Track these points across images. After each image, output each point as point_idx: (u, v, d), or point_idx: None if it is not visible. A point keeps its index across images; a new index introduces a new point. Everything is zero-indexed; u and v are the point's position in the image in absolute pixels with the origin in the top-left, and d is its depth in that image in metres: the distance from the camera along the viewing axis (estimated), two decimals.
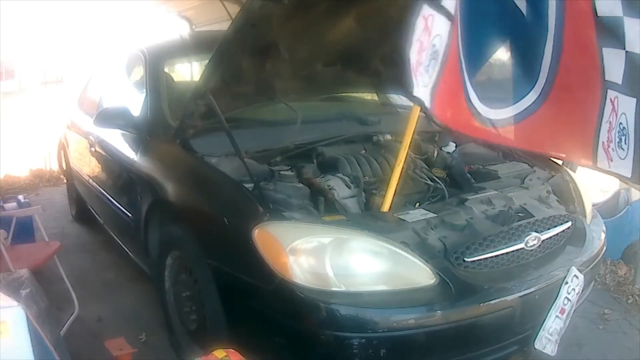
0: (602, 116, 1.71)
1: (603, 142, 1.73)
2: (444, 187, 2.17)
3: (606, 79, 1.66)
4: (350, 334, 1.63)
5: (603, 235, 2.27)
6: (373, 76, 2.78)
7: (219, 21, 4.38)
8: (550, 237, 2.00)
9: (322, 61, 2.61)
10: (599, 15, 1.60)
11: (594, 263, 2.12)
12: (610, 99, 1.67)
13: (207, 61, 2.11)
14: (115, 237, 3.18)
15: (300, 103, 2.57)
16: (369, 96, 3.38)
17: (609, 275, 3.13)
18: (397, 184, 1.99)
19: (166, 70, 2.92)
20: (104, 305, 2.80)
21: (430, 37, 1.62)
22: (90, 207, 3.73)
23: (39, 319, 1.54)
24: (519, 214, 2.00)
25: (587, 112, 1.77)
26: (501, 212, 1.99)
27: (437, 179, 2.20)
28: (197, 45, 3.05)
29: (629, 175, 1.68)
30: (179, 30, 5.40)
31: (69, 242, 3.59)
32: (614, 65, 1.62)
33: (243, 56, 2.17)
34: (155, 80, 2.73)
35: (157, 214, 2.36)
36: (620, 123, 1.65)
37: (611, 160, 1.72)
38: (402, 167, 2.02)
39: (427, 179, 2.21)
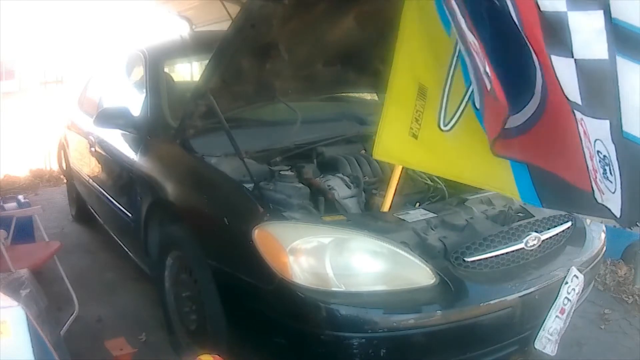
0: (581, 141, 1.31)
1: (590, 171, 1.33)
2: (444, 187, 2.17)
3: (566, 96, 1.25)
4: (350, 334, 1.63)
5: (603, 235, 2.27)
6: (373, 76, 2.78)
7: (219, 21, 4.37)
8: (550, 237, 2.00)
9: (322, 61, 2.61)
10: (541, 9, 1.20)
11: (594, 263, 2.12)
12: (580, 121, 1.27)
13: (207, 61, 2.11)
14: (115, 237, 3.18)
15: (300, 103, 2.57)
16: (369, 96, 3.38)
17: (609, 275, 3.13)
18: (397, 184, 1.99)
19: (166, 70, 2.92)
20: (104, 305, 2.80)
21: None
22: (90, 207, 3.73)
23: (39, 319, 1.54)
24: (519, 214, 2.00)
25: (568, 133, 1.36)
26: (501, 212, 1.99)
27: (437, 179, 2.20)
28: (197, 45, 3.05)
29: (617, 214, 1.29)
30: (179, 30, 5.40)
31: (69, 242, 3.59)
32: (567, 78, 1.21)
33: (243, 56, 2.17)
34: (155, 80, 2.73)
35: (157, 214, 2.36)
36: (599, 151, 1.25)
37: (603, 193, 1.33)
38: (402, 167, 2.02)
39: (427, 178, 2.21)
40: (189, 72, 4.20)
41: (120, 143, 2.79)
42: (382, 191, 2.05)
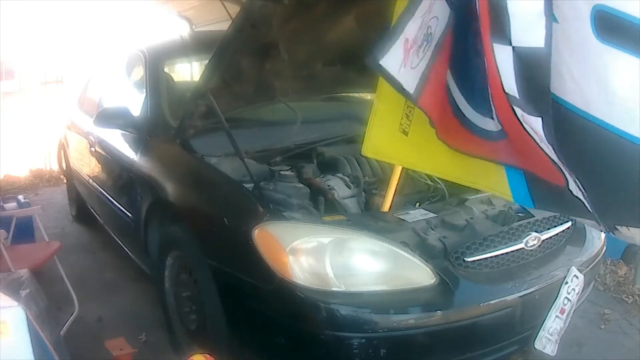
0: (532, 136, 1.24)
1: (557, 162, 1.25)
2: (443, 187, 2.17)
3: (505, 90, 1.16)
4: (350, 334, 1.63)
5: (603, 235, 2.27)
6: (373, 76, 2.77)
7: (219, 21, 4.37)
8: (550, 237, 2.00)
9: (322, 61, 2.61)
10: None
11: (594, 263, 2.12)
12: (522, 118, 1.18)
13: (207, 61, 2.11)
14: (115, 237, 3.18)
15: (300, 103, 2.57)
16: (369, 96, 3.38)
17: (609, 275, 3.13)
18: (397, 184, 1.99)
19: (166, 70, 2.92)
20: (104, 305, 2.80)
21: (429, 17, 1.32)
22: (90, 207, 3.73)
23: (39, 319, 1.54)
24: (519, 214, 2.00)
25: (519, 130, 1.28)
26: (501, 211, 1.99)
27: (437, 179, 2.20)
28: (197, 45, 3.05)
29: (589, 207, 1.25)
30: (179, 30, 5.40)
31: (69, 242, 3.59)
32: (506, 69, 1.13)
33: (243, 56, 2.17)
34: (155, 80, 2.73)
35: (157, 214, 2.36)
36: (549, 146, 1.19)
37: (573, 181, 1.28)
38: (402, 167, 2.02)
39: (427, 178, 2.21)
40: (189, 72, 4.20)
41: (120, 143, 2.79)
42: (382, 191, 2.05)
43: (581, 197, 1.26)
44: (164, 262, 2.29)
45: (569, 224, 2.11)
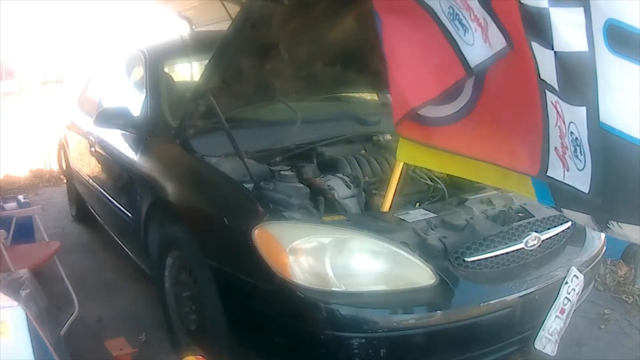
0: (548, 119, 1.38)
1: (556, 147, 1.38)
2: (443, 187, 2.18)
3: (542, 77, 1.32)
4: (350, 334, 1.63)
5: (603, 235, 2.27)
6: (373, 76, 2.77)
7: (219, 21, 4.37)
8: (550, 237, 2.00)
9: (322, 61, 2.61)
10: (522, 2, 1.26)
11: (594, 263, 2.12)
12: (552, 103, 1.33)
13: (207, 61, 2.11)
14: (115, 237, 3.18)
15: (300, 103, 2.57)
16: (369, 96, 3.38)
17: (609, 275, 3.13)
18: (397, 184, 1.99)
19: (166, 70, 2.92)
20: (104, 305, 2.80)
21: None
22: (90, 207, 3.73)
23: (39, 319, 1.54)
24: (519, 214, 2.00)
25: (525, 112, 1.44)
26: (501, 212, 1.99)
27: (437, 179, 2.20)
28: (197, 45, 3.05)
29: (585, 189, 1.33)
30: (179, 30, 5.40)
31: (69, 242, 3.59)
32: (546, 65, 1.28)
33: (243, 56, 2.17)
34: (155, 80, 2.73)
35: (157, 214, 2.36)
36: (572, 132, 1.32)
37: (567, 170, 1.38)
38: (402, 167, 2.02)
39: (427, 178, 2.21)
40: (189, 72, 4.20)
41: (120, 143, 2.79)
42: (382, 191, 2.05)
43: (571, 181, 1.38)
44: (164, 262, 2.29)
45: (568, 224, 2.11)
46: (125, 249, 2.97)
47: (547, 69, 1.27)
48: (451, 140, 1.72)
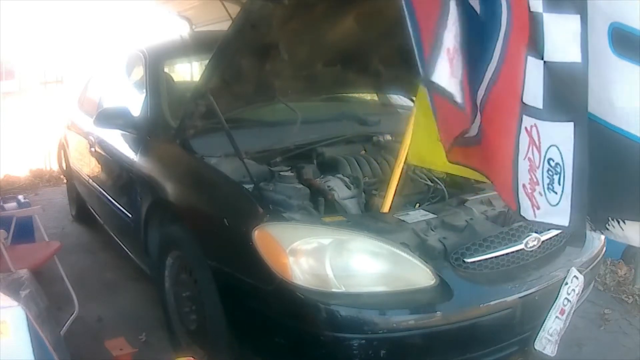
0: (518, 151, 1.28)
1: (524, 184, 1.30)
2: (443, 187, 2.17)
3: (524, 100, 1.24)
4: (350, 335, 1.63)
5: (603, 236, 2.27)
6: (373, 76, 2.78)
7: (219, 21, 4.38)
8: (550, 238, 2.00)
9: (322, 61, 2.61)
10: (531, 10, 1.19)
11: (594, 263, 2.12)
12: (526, 129, 1.25)
13: (207, 61, 2.11)
14: (115, 237, 3.18)
15: (300, 103, 2.57)
16: (369, 96, 3.38)
17: (609, 275, 3.13)
18: (397, 185, 1.99)
19: (166, 70, 2.92)
20: (104, 305, 2.80)
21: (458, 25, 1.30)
22: (90, 207, 3.73)
23: (39, 319, 1.54)
24: None
25: (503, 142, 1.33)
26: (501, 212, 1.99)
27: (437, 180, 2.20)
28: (197, 45, 3.05)
29: (565, 223, 1.28)
30: (179, 30, 5.40)
31: (69, 242, 3.59)
32: (533, 81, 1.21)
33: (243, 56, 2.17)
34: (155, 80, 2.73)
35: (157, 214, 2.36)
36: (551, 159, 1.24)
37: (537, 209, 1.31)
38: (402, 168, 2.02)
39: (427, 179, 2.21)
40: (189, 72, 4.20)
41: (120, 143, 2.79)
42: (382, 192, 2.05)
43: (543, 219, 1.32)
44: (164, 262, 2.29)
45: None
46: (125, 249, 2.98)
47: (534, 85, 1.22)
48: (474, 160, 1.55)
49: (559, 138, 1.23)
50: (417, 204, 2.12)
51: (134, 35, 7.73)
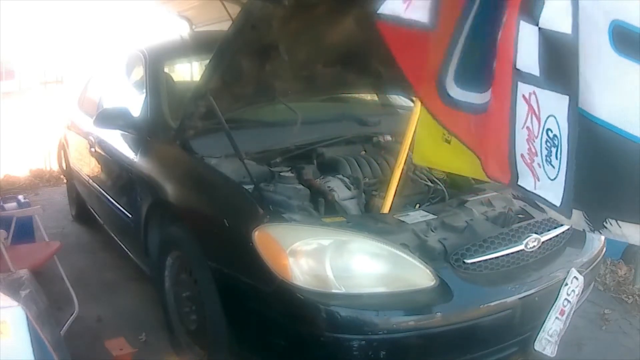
0: (515, 119, 1.25)
1: (522, 154, 1.27)
2: (444, 188, 2.18)
3: (517, 67, 1.20)
4: (350, 335, 1.63)
5: (603, 237, 2.27)
6: (373, 77, 2.78)
7: (219, 21, 4.37)
8: (550, 239, 2.00)
9: (322, 62, 2.61)
10: None
11: (594, 264, 2.12)
12: (524, 96, 1.22)
13: (207, 61, 2.11)
14: (115, 237, 3.18)
15: (300, 104, 2.58)
16: (369, 97, 3.38)
17: (609, 275, 3.13)
18: (397, 186, 1.99)
19: (166, 70, 2.92)
20: (104, 305, 2.80)
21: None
22: (90, 207, 3.73)
23: (39, 319, 1.54)
24: (518, 215, 2.00)
25: (496, 111, 1.30)
26: (501, 213, 1.99)
27: (437, 180, 2.20)
28: (197, 45, 3.05)
29: (557, 202, 1.24)
30: (179, 30, 5.40)
31: (69, 242, 3.59)
32: (528, 47, 1.18)
33: (243, 57, 2.17)
34: (155, 80, 2.73)
35: (157, 215, 2.36)
36: (549, 130, 1.19)
37: (538, 180, 1.27)
38: (402, 169, 2.03)
39: (427, 180, 2.21)
40: (189, 72, 4.20)
41: (120, 143, 2.79)
42: (382, 192, 2.05)
43: (542, 192, 1.30)
44: (164, 262, 2.29)
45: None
46: (125, 249, 2.98)
47: (529, 52, 1.19)
48: (465, 131, 1.53)
49: (556, 110, 1.20)
50: (417, 205, 2.12)
51: (134, 35, 7.73)
